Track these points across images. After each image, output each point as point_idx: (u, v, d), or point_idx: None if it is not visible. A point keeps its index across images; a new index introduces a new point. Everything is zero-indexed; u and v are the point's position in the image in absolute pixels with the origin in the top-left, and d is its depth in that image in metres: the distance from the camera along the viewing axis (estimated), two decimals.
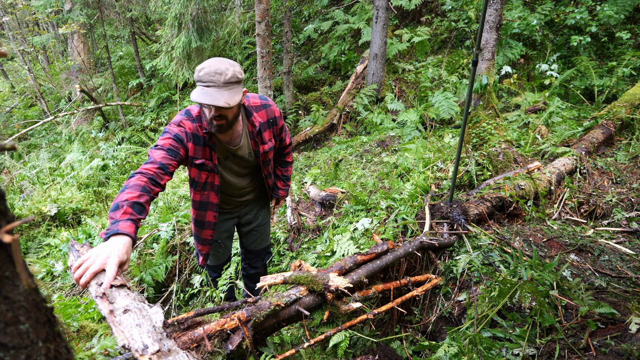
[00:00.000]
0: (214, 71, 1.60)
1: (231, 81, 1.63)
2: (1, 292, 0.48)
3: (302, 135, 6.59)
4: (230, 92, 1.63)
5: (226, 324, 1.41)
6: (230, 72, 1.62)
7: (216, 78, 1.60)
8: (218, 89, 1.61)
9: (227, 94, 1.62)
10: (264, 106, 1.95)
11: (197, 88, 1.65)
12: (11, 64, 13.86)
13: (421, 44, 7.12)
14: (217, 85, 1.61)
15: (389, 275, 2.28)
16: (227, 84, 1.62)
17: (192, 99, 1.61)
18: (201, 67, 1.64)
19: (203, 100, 1.58)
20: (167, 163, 1.66)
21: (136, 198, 1.45)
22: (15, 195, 5.51)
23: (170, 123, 1.81)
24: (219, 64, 1.63)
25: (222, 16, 6.72)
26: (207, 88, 1.61)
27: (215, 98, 1.59)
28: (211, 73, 1.60)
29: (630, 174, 3.31)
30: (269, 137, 1.99)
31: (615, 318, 1.69)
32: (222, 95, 1.61)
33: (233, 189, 2.13)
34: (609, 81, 5.34)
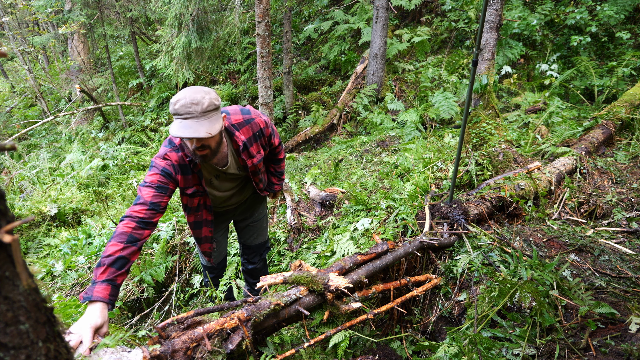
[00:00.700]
0: (190, 102, 1.54)
1: (209, 109, 1.58)
2: (1, 292, 0.48)
3: (302, 135, 6.59)
4: (210, 120, 1.58)
5: (226, 324, 1.41)
6: (206, 100, 1.56)
7: (193, 109, 1.54)
8: (197, 119, 1.56)
9: (207, 124, 1.57)
10: (247, 121, 1.89)
11: (175, 122, 1.59)
12: (11, 64, 13.86)
13: (421, 44, 7.12)
14: (196, 116, 1.55)
15: (389, 275, 2.28)
16: (206, 113, 1.57)
17: (171, 133, 1.57)
18: (176, 99, 1.57)
19: (183, 134, 1.53)
20: (158, 201, 1.67)
21: (119, 252, 1.50)
22: (15, 195, 5.51)
23: (155, 156, 1.77)
24: (193, 94, 1.56)
25: (222, 16, 6.72)
26: (186, 120, 1.56)
27: (195, 130, 1.54)
28: (187, 105, 1.54)
29: (630, 174, 3.31)
30: (257, 150, 1.96)
31: (615, 318, 1.69)
32: (202, 125, 1.56)
33: (223, 200, 2.16)
34: (609, 81, 5.34)
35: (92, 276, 1.47)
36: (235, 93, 8.01)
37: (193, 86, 1.62)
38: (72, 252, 3.50)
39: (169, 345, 1.26)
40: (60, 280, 3.08)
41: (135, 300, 2.94)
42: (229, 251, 3.44)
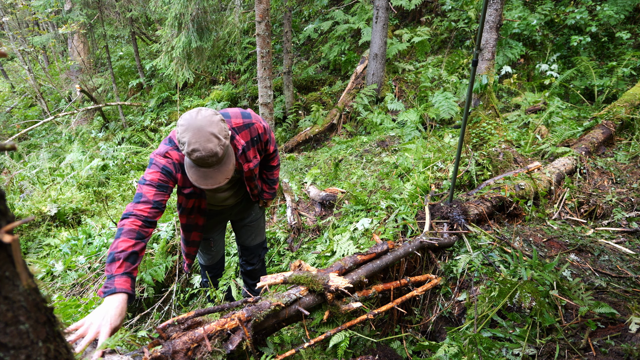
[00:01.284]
0: (207, 155, 1.51)
1: (224, 154, 1.58)
2: (1, 292, 0.48)
3: (302, 135, 6.59)
4: (225, 163, 1.61)
5: (226, 324, 1.41)
6: (219, 148, 1.52)
7: (210, 161, 1.53)
8: (215, 168, 1.58)
9: (225, 169, 1.60)
10: (246, 125, 1.87)
11: (192, 168, 1.58)
12: (11, 64, 13.86)
13: (421, 44, 7.12)
14: (212, 165, 1.56)
15: (389, 275, 2.28)
16: (221, 159, 1.57)
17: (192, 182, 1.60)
18: (190, 147, 1.49)
19: (206, 186, 1.58)
20: (160, 200, 1.66)
21: (132, 247, 1.50)
22: (15, 195, 5.51)
23: (155, 153, 1.73)
24: (207, 143, 1.49)
25: (222, 16, 6.72)
26: (203, 169, 1.58)
27: (215, 180, 1.59)
28: (204, 157, 1.51)
29: (630, 174, 3.31)
30: (254, 155, 1.95)
31: (615, 318, 1.69)
32: (221, 172, 1.59)
33: (219, 201, 2.16)
34: (609, 81, 5.34)
35: (106, 272, 1.46)
36: (235, 93, 8.01)
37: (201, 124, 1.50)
38: (72, 252, 3.50)
39: (170, 346, 1.26)
40: (60, 280, 3.08)
41: (135, 300, 2.94)
42: (229, 251, 3.44)
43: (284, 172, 4.99)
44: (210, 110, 1.58)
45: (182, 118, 1.54)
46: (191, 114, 1.54)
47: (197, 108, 1.58)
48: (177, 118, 8.17)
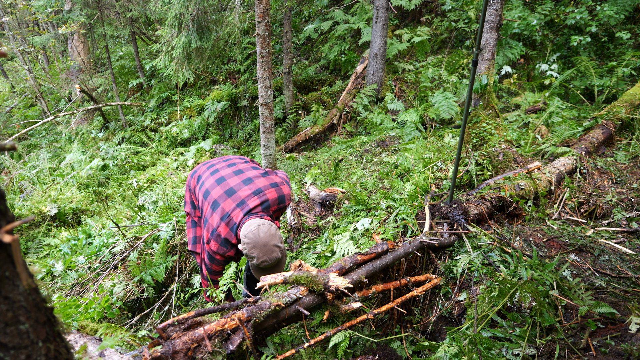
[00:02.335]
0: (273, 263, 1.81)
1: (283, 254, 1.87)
2: (1, 292, 0.48)
3: (302, 135, 6.59)
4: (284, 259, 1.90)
5: (226, 324, 1.41)
6: (281, 253, 1.84)
7: (275, 263, 1.83)
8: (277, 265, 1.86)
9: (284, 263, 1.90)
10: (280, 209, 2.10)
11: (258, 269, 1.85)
12: (11, 64, 13.85)
13: (421, 44, 7.12)
14: (276, 266, 1.85)
15: (389, 275, 2.28)
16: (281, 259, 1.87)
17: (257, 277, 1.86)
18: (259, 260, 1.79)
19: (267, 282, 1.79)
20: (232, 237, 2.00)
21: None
22: (15, 195, 5.51)
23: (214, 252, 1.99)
24: (272, 254, 1.80)
25: (222, 16, 6.72)
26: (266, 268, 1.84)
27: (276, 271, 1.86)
28: (271, 265, 1.82)
29: (630, 174, 3.31)
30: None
31: (615, 318, 1.69)
32: (280, 267, 1.88)
33: None
34: (609, 81, 5.34)
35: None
36: (235, 93, 8.01)
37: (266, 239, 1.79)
38: (72, 252, 3.50)
39: (170, 346, 1.26)
40: (60, 280, 3.09)
41: (135, 300, 2.94)
42: None
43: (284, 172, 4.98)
44: (267, 223, 1.83)
45: (247, 237, 1.79)
46: (253, 232, 1.79)
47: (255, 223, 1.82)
48: (177, 118, 8.19)
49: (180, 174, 5.92)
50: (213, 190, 2.00)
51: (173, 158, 6.73)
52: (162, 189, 5.00)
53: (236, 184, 2.00)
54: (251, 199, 1.93)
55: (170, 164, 6.49)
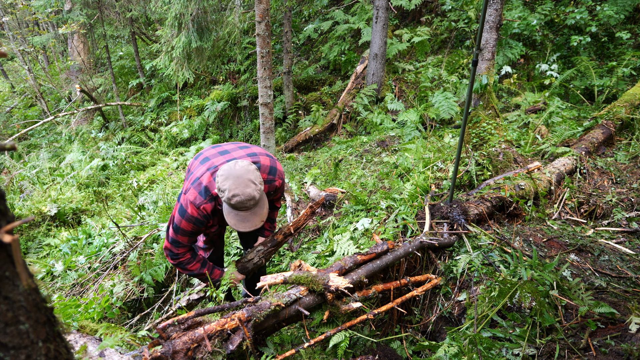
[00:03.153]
0: (246, 199, 1.65)
1: (260, 198, 1.72)
2: (1, 292, 0.48)
3: (302, 135, 6.59)
4: (260, 206, 1.74)
5: (226, 324, 1.41)
6: (257, 192, 1.68)
7: (249, 204, 1.68)
8: (252, 211, 1.71)
9: (259, 212, 1.73)
10: (268, 182, 1.94)
11: (232, 213, 1.71)
12: (11, 64, 13.85)
13: (421, 44, 7.12)
14: (251, 208, 1.70)
15: (389, 275, 2.28)
16: (257, 203, 1.71)
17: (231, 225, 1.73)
18: (231, 194, 1.64)
19: (244, 229, 1.71)
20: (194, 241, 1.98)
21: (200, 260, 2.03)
22: (15, 195, 5.51)
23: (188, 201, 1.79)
24: (245, 188, 1.65)
25: (222, 16, 6.72)
26: (242, 212, 1.71)
27: (253, 223, 1.72)
28: (244, 202, 1.66)
29: (630, 174, 3.31)
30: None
31: (615, 318, 1.69)
32: (257, 215, 1.73)
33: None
34: (609, 81, 5.34)
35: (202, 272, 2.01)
36: (235, 93, 8.01)
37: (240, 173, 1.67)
38: (72, 252, 3.50)
39: (170, 346, 1.26)
40: (60, 280, 3.09)
41: (135, 300, 2.94)
42: (229, 251, 3.44)
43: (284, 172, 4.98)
44: (245, 161, 1.74)
45: (221, 169, 1.69)
46: (229, 165, 1.70)
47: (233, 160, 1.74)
48: (177, 118, 8.19)
49: (180, 174, 5.91)
50: (207, 153, 1.98)
51: (173, 158, 6.74)
52: (162, 189, 5.00)
53: (232, 148, 1.98)
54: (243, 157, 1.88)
55: (170, 164, 6.49)
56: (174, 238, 1.85)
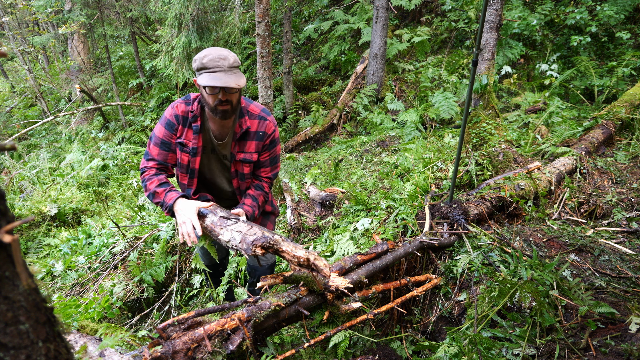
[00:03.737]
0: (218, 57, 1.65)
1: (234, 65, 1.69)
2: (1, 292, 0.48)
3: (302, 135, 6.59)
4: (236, 75, 1.69)
5: (226, 324, 1.41)
6: (232, 57, 1.69)
7: (221, 63, 1.65)
8: (225, 72, 1.66)
9: (234, 77, 1.67)
10: (260, 117, 1.89)
11: (204, 74, 1.67)
12: (11, 64, 13.85)
13: (421, 44, 7.12)
14: (224, 70, 1.66)
15: (389, 275, 2.28)
16: (232, 68, 1.68)
17: (202, 83, 1.65)
18: (202, 55, 1.67)
19: (215, 83, 1.62)
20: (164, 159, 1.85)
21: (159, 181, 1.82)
22: (15, 195, 5.51)
23: (170, 105, 1.86)
24: (220, 51, 1.68)
25: (222, 16, 6.72)
26: (214, 73, 1.65)
27: (225, 81, 1.64)
28: (216, 59, 1.65)
29: (630, 174, 3.31)
30: (252, 150, 1.91)
31: (615, 318, 1.69)
32: (230, 78, 1.66)
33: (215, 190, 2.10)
34: (609, 81, 5.34)
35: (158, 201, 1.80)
36: None
37: (215, 47, 1.72)
38: (72, 252, 3.50)
39: (170, 346, 1.26)
40: (60, 280, 3.09)
41: (135, 300, 2.94)
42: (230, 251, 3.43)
43: (284, 172, 4.99)
44: None
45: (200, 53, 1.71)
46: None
47: None
48: None
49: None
50: None
51: None
52: None
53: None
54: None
55: None
56: (147, 149, 1.87)
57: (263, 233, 1.50)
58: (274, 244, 1.46)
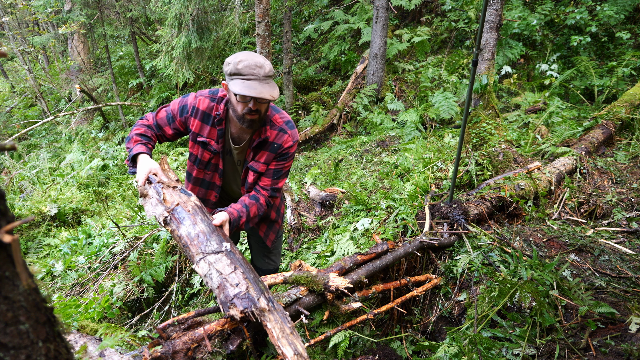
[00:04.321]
0: (254, 64, 1.57)
1: (269, 75, 1.62)
2: (1, 292, 0.48)
3: (302, 135, 6.59)
4: (270, 85, 1.62)
5: (226, 324, 1.41)
6: (267, 65, 1.61)
7: (257, 71, 1.58)
8: (259, 82, 1.59)
9: (269, 87, 1.60)
10: (280, 129, 1.79)
11: (237, 81, 1.59)
12: (11, 64, 13.85)
13: (421, 44, 7.12)
14: (259, 79, 1.58)
15: (389, 275, 2.28)
16: (267, 78, 1.61)
17: (235, 90, 1.57)
18: (238, 59, 1.58)
19: (249, 93, 1.55)
20: (161, 123, 1.84)
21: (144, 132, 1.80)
22: (15, 195, 5.51)
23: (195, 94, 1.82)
24: (255, 57, 1.60)
25: (222, 16, 6.72)
26: (249, 81, 1.58)
27: (259, 91, 1.56)
28: (252, 66, 1.57)
29: (630, 174, 3.31)
30: (263, 160, 1.81)
31: (615, 318, 1.69)
32: (265, 88, 1.58)
33: (229, 193, 2.07)
34: (609, 81, 5.34)
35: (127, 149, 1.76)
36: None
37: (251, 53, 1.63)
38: (72, 252, 3.50)
39: (170, 346, 1.26)
40: (60, 280, 3.09)
41: (135, 300, 2.94)
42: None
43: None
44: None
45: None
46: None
47: None
48: None
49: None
50: None
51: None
52: None
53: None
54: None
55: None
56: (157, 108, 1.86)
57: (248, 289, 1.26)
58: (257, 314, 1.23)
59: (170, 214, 1.53)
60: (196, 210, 1.56)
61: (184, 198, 1.61)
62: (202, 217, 1.54)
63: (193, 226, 1.48)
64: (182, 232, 1.48)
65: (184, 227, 1.49)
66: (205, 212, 1.60)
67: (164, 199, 1.58)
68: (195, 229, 1.48)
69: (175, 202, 1.56)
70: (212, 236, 1.45)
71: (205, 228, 1.49)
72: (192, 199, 1.62)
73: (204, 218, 1.54)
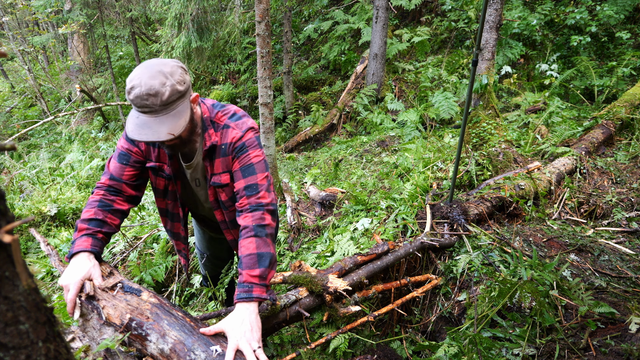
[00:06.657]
0: (146, 92, 1.21)
1: (171, 100, 1.25)
2: (1, 292, 0.48)
3: (302, 135, 6.59)
4: (173, 115, 1.27)
5: None
6: (167, 89, 1.23)
7: (150, 102, 1.22)
8: (156, 115, 1.25)
9: (169, 120, 1.26)
10: (225, 127, 1.48)
11: (132, 115, 1.29)
12: (11, 64, 13.85)
13: (421, 44, 7.12)
14: (154, 111, 1.25)
15: (389, 275, 2.28)
16: (167, 106, 1.25)
17: (127, 132, 1.28)
18: (130, 84, 1.24)
19: (139, 137, 1.24)
20: (119, 173, 1.50)
21: (92, 215, 1.43)
22: (15, 195, 5.51)
23: None
24: (150, 80, 1.22)
25: (222, 16, 6.72)
26: (143, 115, 1.26)
27: (154, 131, 1.24)
28: (143, 96, 1.21)
29: (630, 174, 3.31)
30: (220, 170, 1.50)
31: (615, 318, 1.69)
32: (163, 123, 1.25)
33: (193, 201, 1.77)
34: (609, 81, 5.34)
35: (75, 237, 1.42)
36: (235, 93, 8.01)
37: (152, 62, 1.27)
38: None
39: None
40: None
41: None
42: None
43: (284, 172, 4.99)
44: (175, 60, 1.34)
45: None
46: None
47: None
48: None
49: None
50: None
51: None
52: None
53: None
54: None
55: None
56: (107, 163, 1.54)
57: None
58: None
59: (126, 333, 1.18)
60: (157, 314, 1.20)
61: (134, 302, 1.24)
62: (169, 320, 1.18)
63: (162, 339, 1.13)
64: (153, 350, 1.14)
65: (152, 344, 1.14)
66: (169, 309, 1.23)
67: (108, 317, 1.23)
68: (168, 341, 1.13)
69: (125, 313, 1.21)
70: (192, 344, 1.12)
71: (179, 335, 1.14)
72: (143, 297, 1.27)
73: (171, 320, 1.18)
